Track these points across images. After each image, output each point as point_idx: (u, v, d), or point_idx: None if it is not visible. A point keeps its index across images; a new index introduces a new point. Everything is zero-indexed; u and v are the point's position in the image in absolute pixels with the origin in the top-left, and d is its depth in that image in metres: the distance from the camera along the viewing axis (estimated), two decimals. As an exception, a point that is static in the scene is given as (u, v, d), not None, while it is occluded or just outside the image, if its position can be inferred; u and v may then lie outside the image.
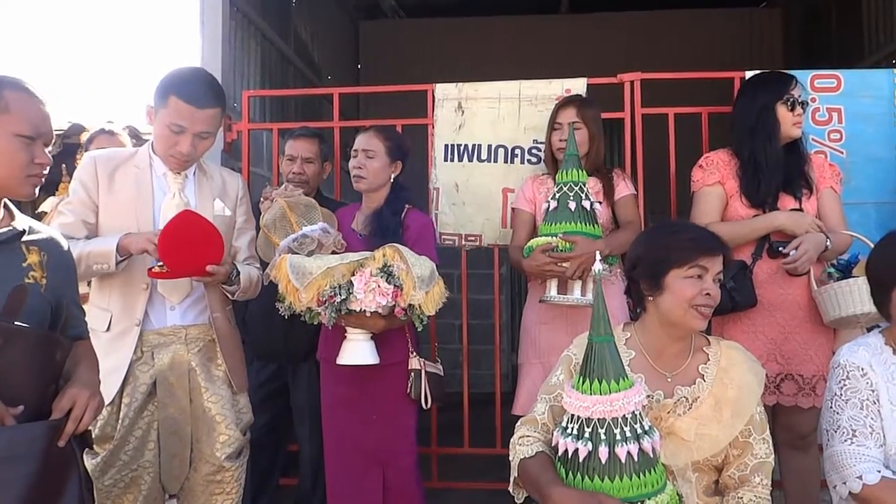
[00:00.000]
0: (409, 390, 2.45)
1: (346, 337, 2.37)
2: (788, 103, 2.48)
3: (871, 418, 1.75)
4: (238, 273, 2.16)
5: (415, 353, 2.49)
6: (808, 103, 2.53)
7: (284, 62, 4.90)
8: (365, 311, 2.21)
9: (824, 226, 2.44)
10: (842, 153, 2.96)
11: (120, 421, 2.03)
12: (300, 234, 2.39)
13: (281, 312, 2.29)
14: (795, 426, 2.47)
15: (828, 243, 2.39)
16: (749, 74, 2.86)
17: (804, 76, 3.00)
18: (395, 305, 2.23)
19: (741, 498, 1.69)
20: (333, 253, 2.38)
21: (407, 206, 2.60)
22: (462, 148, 3.15)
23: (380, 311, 2.22)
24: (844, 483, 1.70)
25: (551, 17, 6.96)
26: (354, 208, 2.69)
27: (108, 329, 2.06)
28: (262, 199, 2.53)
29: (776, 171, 2.48)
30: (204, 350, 2.16)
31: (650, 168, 3.29)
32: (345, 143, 3.29)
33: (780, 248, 2.41)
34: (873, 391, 1.76)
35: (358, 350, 2.35)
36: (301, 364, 2.88)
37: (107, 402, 1.94)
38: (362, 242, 2.51)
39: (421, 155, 3.27)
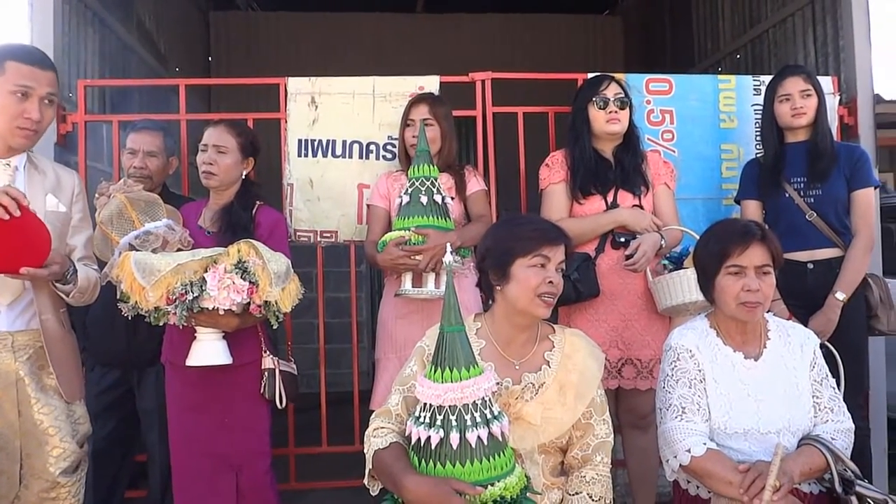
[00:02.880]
0: (262, 390, 2.39)
1: (195, 337, 2.27)
2: (599, 102, 2.65)
3: (699, 396, 1.90)
4: (75, 271, 2.01)
5: (268, 352, 2.43)
6: (628, 101, 2.69)
7: (127, 51, 4.60)
8: (218, 308, 2.13)
9: (660, 221, 2.62)
10: (674, 152, 3.20)
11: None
12: (143, 231, 2.26)
13: (124, 313, 2.15)
14: (636, 407, 2.65)
15: (662, 242, 2.58)
16: (591, 76, 3.02)
17: (640, 80, 3.23)
18: (249, 303, 2.17)
19: (584, 476, 1.78)
20: (180, 250, 2.27)
21: (258, 202, 2.53)
22: (316, 143, 3.10)
23: (234, 308, 2.15)
24: (675, 456, 1.84)
25: (407, 15, 7.02)
26: (201, 205, 2.58)
27: None
28: (97, 195, 2.36)
29: (588, 168, 2.64)
30: (34, 357, 2.00)
31: (502, 165, 3.39)
32: (195, 138, 3.14)
33: (622, 240, 2.56)
34: (700, 371, 1.92)
35: (209, 350, 2.26)
36: (147, 368, 2.72)
37: None
38: (210, 239, 2.41)
39: (274, 150, 3.20)
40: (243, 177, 2.54)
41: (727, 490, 1.75)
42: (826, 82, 3.13)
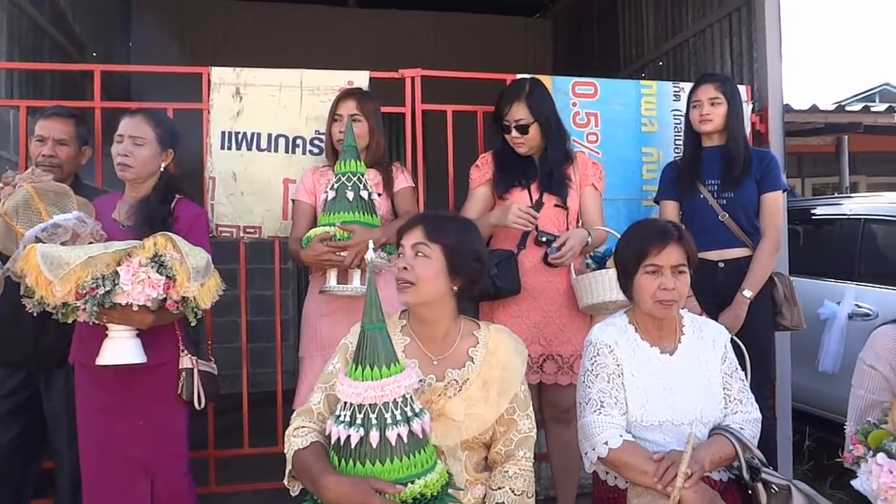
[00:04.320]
0: (179, 391, 2.31)
1: (107, 335, 2.17)
2: (503, 127, 2.70)
3: (617, 390, 1.95)
4: None
5: (186, 351, 2.35)
6: (534, 122, 2.66)
7: (38, 33, 4.37)
8: (132, 304, 2.05)
9: (525, 207, 2.59)
10: (598, 154, 3.27)
11: None
12: (51, 224, 2.15)
13: (29, 310, 2.04)
14: (558, 402, 2.70)
15: (589, 239, 2.63)
16: (519, 76, 3.05)
17: (567, 82, 3.29)
18: (166, 298, 2.09)
19: (507, 471, 1.80)
20: (91, 244, 2.17)
21: (177, 195, 2.45)
22: (240, 136, 3.02)
23: (149, 304, 2.07)
24: (594, 449, 1.89)
25: (339, 9, 6.94)
26: (115, 197, 2.47)
27: None
28: (1, 185, 2.23)
29: (508, 164, 2.70)
30: None
31: (432, 163, 3.39)
32: (112, 127, 3.01)
33: (544, 239, 2.61)
34: (619, 365, 1.98)
35: (121, 349, 2.16)
36: (55, 370, 2.59)
37: None
38: (126, 234, 2.31)
39: (195, 142, 3.10)
40: (162, 169, 2.45)
41: (642, 479, 1.81)
42: (741, 91, 3.27)
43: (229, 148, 3.01)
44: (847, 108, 7.19)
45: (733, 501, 1.88)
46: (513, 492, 1.77)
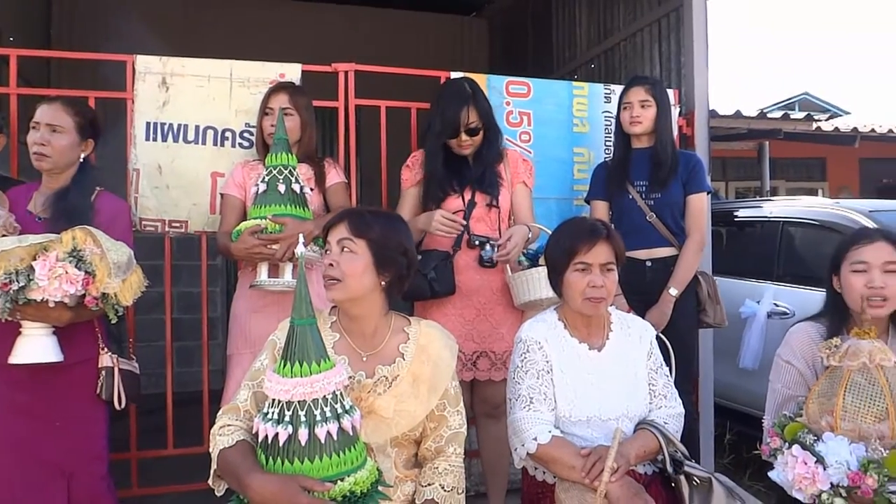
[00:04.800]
0: (98, 390, 2.22)
1: (21, 332, 2.07)
2: (449, 132, 2.69)
3: (546, 386, 1.98)
4: None
5: (106, 350, 2.26)
6: (479, 129, 2.68)
7: (-52, 15, 4.14)
8: (48, 300, 1.96)
9: (449, 214, 2.60)
10: (530, 153, 3.31)
11: None
12: (-42, 216, 2.03)
13: (-66, 307, 1.93)
14: (490, 398, 2.71)
15: (530, 234, 2.66)
16: (454, 75, 3.06)
17: (501, 81, 3.32)
18: (84, 294, 2.01)
19: (437, 467, 1.80)
20: (4, 237, 2.06)
21: (98, 188, 2.35)
22: (167, 127, 2.92)
23: (66, 300, 1.98)
24: (523, 445, 1.91)
25: (271, 0, 6.80)
26: (31, 188, 2.36)
27: None
28: None
29: (440, 171, 2.68)
30: None
31: (367, 159, 3.35)
32: (29, 115, 2.87)
33: (477, 242, 2.62)
34: (548, 362, 2.00)
35: (37, 347, 2.07)
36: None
37: None
38: (41, 226, 2.21)
39: (119, 132, 2.98)
40: (81, 160, 2.35)
41: (570, 474, 1.84)
42: (670, 94, 3.36)
43: (154, 139, 2.91)
44: (769, 116, 7.49)
45: (657, 494, 1.92)
46: (442, 488, 1.77)
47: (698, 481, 1.93)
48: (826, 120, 8.33)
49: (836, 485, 1.63)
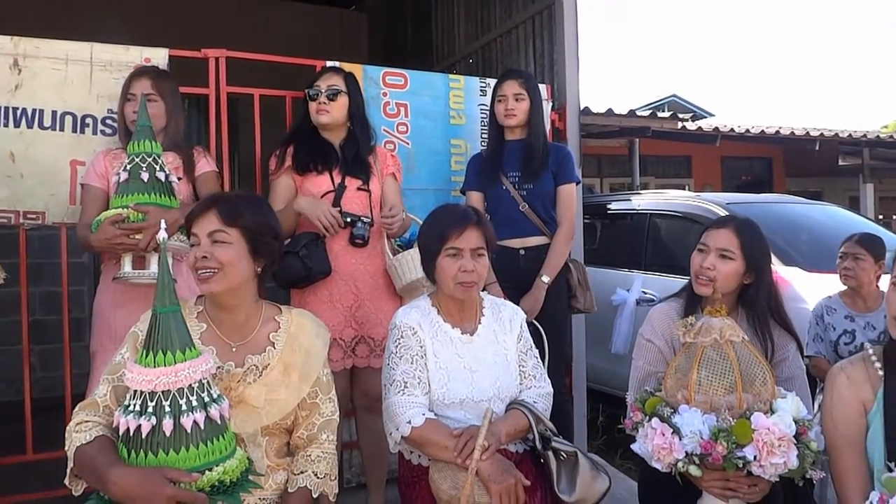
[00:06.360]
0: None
1: None
2: (311, 93, 2.73)
3: (420, 371, 2.01)
4: None
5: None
6: (342, 92, 2.72)
7: None
8: None
9: (341, 221, 2.60)
10: (407, 144, 3.34)
11: None
12: None
13: None
14: (371, 391, 2.69)
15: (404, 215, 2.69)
16: (329, 64, 3.03)
17: (377, 72, 3.32)
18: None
19: (309, 455, 1.79)
20: None
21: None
22: (20, 112, 2.71)
23: None
24: (398, 429, 1.93)
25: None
26: None
27: None
28: None
29: (308, 148, 2.71)
30: None
31: (243, 148, 3.25)
32: None
33: (349, 219, 2.61)
34: (422, 347, 2.04)
35: None
36: None
37: None
38: None
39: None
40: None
41: (443, 454, 1.88)
42: (542, 89, 3.48)
43: (6, 125, 2.70)
44: (638, 114, 7.90)
45: (528, 470, 1.99)
46: (315, 475, 1.76)
47: (565, 456, 2.02)
48: (690, 120, 8.91)
49: (690, 453, 1.73)
